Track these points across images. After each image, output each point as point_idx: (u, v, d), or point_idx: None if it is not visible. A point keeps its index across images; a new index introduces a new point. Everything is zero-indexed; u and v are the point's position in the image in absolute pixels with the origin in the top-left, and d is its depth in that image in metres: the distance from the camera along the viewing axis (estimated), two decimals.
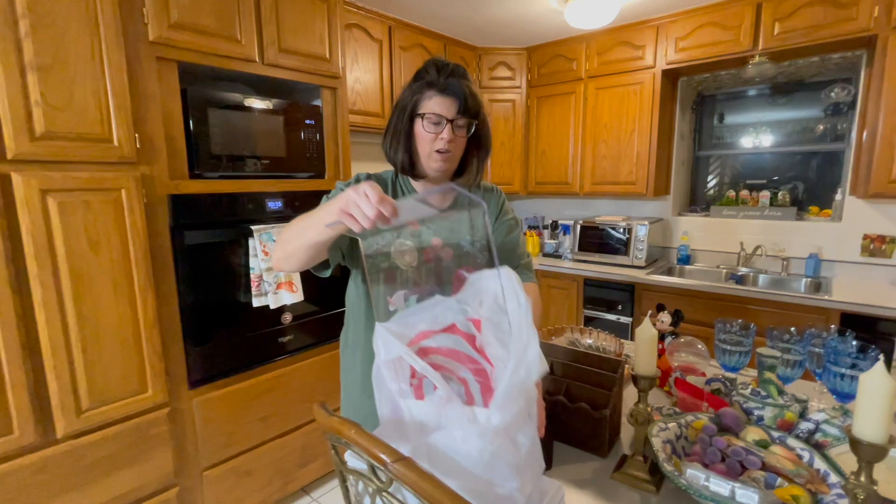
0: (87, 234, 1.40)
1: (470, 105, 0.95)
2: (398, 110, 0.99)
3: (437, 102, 0.95)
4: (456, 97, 0.94)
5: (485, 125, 1.02)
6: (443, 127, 0.95)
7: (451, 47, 3.02)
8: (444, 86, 0.94)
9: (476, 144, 1.03)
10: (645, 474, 0.86)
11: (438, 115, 0.94)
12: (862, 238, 2.49)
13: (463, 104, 0.95)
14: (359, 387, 1.10)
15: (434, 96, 0.95)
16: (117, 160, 1.44)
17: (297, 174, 2.00)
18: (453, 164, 1.01)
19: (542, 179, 3.36)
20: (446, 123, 0.95)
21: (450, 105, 0.94)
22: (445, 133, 0.95)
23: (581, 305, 2.96)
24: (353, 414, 1.14)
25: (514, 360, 0.64)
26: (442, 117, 0.94)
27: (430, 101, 0.95)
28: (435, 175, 1.02)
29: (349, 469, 0.69)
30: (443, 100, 0.94)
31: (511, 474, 0.61)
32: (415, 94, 0.96)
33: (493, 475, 0.61)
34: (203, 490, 1.77)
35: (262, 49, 1.80)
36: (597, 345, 1.32)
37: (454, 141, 0.96)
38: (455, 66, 0.97)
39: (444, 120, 0.94)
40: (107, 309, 1.45)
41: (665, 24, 2.69)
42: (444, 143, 0.95)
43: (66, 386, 1.39)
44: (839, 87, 2.62)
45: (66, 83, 1.32)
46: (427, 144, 0.96)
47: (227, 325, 1.78)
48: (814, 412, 0.97)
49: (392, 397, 0.70)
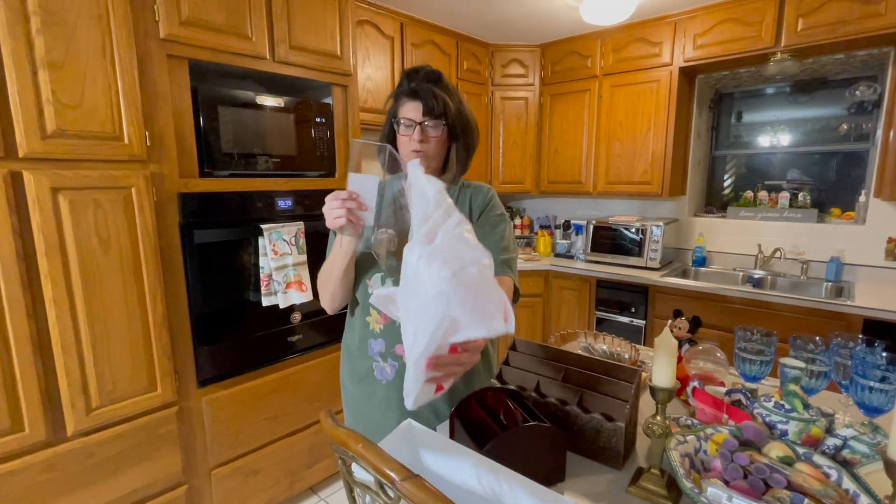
0: (98, 232, 1.40)
1: (433, 107, 1.01)
2: (388, 116, 1.10)
3: (407, 107, 1.04)
4: (421, 100, 1.02)
5: (458, 123, 1.07)
6: (413, 129, 1.03)
7: (463, 44, 2.98)
8: (412, 91, 1.02)
9: (456, 143, 1.09)
10: (662, 489, 0.83)
11: (408, 118, 1.03)
12: (886, 241, 2.41)
13: (427, 106, 1.01)
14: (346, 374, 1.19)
15: (406, 102, 1.04)
16: (127, 158, 1.44)
17: (307, 173, 1.99)
18: (432, 162, 1.07)
19: (554, 178, 3.32)
20: (415, 126, 1.02)
21: (416, 108, 1.02)
22: (416, 135, 1.02)
23: (593, 307, 2.91)
24: (352, 407, 1.20)
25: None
26: (411, 121, 1.02)
27: (403, 107, 1.04)
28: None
29: (356, 481, 0.67)
30: (411, 104, 1.03)
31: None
32: (395, 102, 1.07)
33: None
34: (211, 489, 1.77)
35: (272, 46, 1.79)
36: (611, 350, 1.28)
37: (426, 141, 1.03)
38: (427, 72, 1.04)
39: (414, 123, 1.02)
40: (116, 307, 1.45)
41: (683, 20, 2.62)
42: (416, 144, 1.03)
43: (77, 383, 1.39)
44: (864, 84, 2.53)
45: (77, 81, 1.32)
46: (405, 146, 1.05)
47: (237, 325, 1.78)
48: (841, 427, 0.93)
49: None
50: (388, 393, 1.10)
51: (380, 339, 1.08)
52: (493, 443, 0.80)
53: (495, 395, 0.98)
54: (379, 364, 1.10)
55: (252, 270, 1.80)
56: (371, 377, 1.11)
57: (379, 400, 1.11)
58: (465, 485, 0.68)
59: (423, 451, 0.76)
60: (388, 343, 1.08)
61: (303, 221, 1.90)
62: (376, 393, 1.11)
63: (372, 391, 1.12)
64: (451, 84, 1.08)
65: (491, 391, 0.99)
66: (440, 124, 1.04)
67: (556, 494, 0.64)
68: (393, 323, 1.07)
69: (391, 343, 1.07)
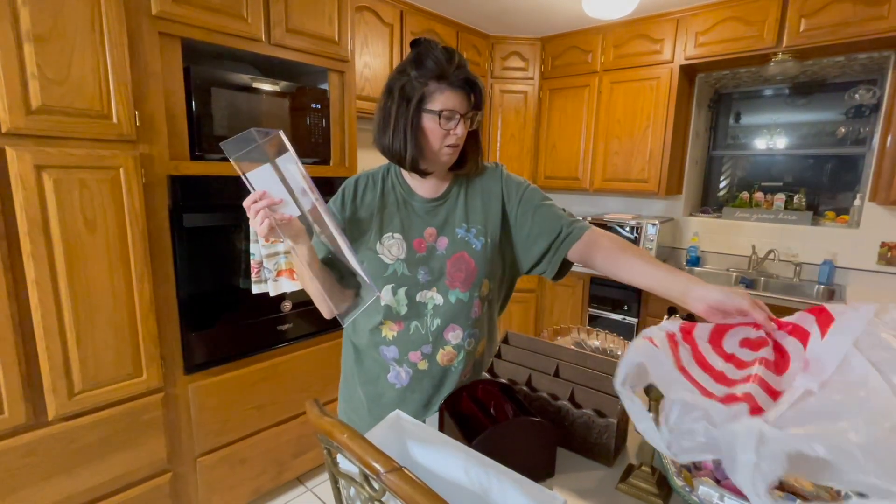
0: (83, 212, 1.36)
1: (481, 98, 0.93)
2: (399, 100, 0.92)
3: (450, 97, 0.90)
4: (468, 91, 0.91)
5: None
6: (456, 122, 0.91)
7: (463, 34, 2.94)
8: (457, 79, 0.89)
9: (474, 132, 1.00)
10: (653, 487, 0.82)
11: (453, 111, 0.90)
12: (879, 246, 2.41)
13: (476, 98, 0.92)
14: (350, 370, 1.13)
15: (446, 90, 0.90)
16: (116, 138, 1.40)
17: (301, 159, 1.95)
18: (457, 154, 0.98)
19: (551, 174, 3.30)
20: (459, 118, 0.91)
21: (462, 99, 0.91)
22: (459, 129, 0.92)
23: (586, 304, 2.91)
24: (349, 398, 1.15)
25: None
26: (456, 112, 0.91)
27: (443, 96, 0.90)
28: (442, 168, 1.00)
29: (341, 472, 0.65)
30: (455, 94, 0.90)
31: None
32: (421, 87, 0.90)
33: None
34: (196, 477, 1.75)
35: (268, 28, 1.75)
36: (604, 347, 1.27)
37: (465, 133, 0.94)
38: (459, 55, 0.92)
39: (458, 115, 0.91)
40: (102, 290, 1.42)
41: (686, 17, 2.60)
42: (456, 139, 0.92)
43: (59, 367, 1.36)
44: (864, 88, 2.53)
45: (63, 55, 1.28)
46: (438, 140, 0.93)
47: (225, 311, 1.75)
48: None
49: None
50: (402, 395, 1.04)
51: (392, 346, 1.02)
52: (483, 436, 0.78)
53: (486, 389, 0.96)
54: (395, 369, 1.03)
55: (243, 257, 1.77)
56: (383, 380, 1.05)
57: (390, 402, 1.05)
58: (452, 478, 0.67)
59: (410, 442, 0.75)
60: (401, 350, 1.02)
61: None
62: (386, 395, 1.05)
63: (381, 393, 1.06)
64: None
65: (482, 384, 0.97)
66: (479, 115, 0.95)
67: (546, 490, 0.62)
68: (406, 331, 1.00)
69: (405, 350, 1.01)
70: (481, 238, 1.01)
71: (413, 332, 1.00)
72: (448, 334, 1.01)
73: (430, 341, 1.01)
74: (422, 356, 1.01)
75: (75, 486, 1.45)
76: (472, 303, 1.01)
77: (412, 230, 1.01)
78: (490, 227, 1.02)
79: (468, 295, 1.00)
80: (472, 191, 1.04)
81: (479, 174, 1.05)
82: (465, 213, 1.02)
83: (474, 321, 1.03)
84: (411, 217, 1.02)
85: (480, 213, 1.02)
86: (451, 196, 1.03)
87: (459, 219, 1.02)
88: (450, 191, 1.04)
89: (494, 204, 1.03)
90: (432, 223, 1.01)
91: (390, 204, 1.03)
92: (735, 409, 0.53)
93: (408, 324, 1.00)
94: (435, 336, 1.01)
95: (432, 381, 1.03)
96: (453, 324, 1.01)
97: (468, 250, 1.00)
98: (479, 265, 1.00)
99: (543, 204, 1.02)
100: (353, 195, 1.03)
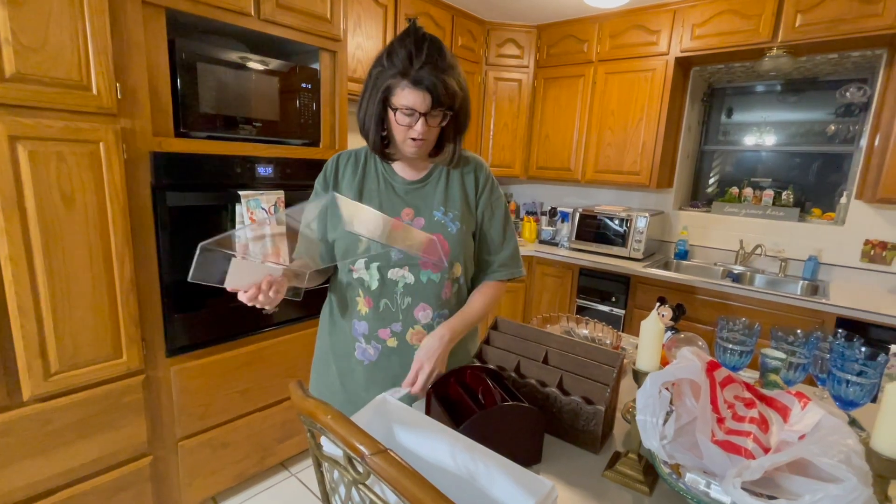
0: (61, 187, 1.31)
1: (443, 99, 0.90)
2: (371, 88, 0.94)
3: (409, 95, 0.89)
4: (429, 91, 0.89)
5: (462, 110, 0.97)
6: (416, 119, 0.91)
7: (458, 19, 2.89)
8: (417, 78, 0.88)
9: (454, 126, 1.00)
10: (639, 474, 0.82)
11: (411, 108, 0.90)
12: (863, 243, 2.45)
13: (436, 99, 0.90)
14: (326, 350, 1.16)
15: (406, 87, 0.89)
16: (95, 110, 1.35)
17: (289, 140, 1.91)
18: (429, 147, 1.00)
19: (543, 164, 3.28)
20: (419, 116, 0.91)
21: (423, 98, 0.89)
22: (419, 126, 0.92)
23: (574, 294, 2.91)
24: (319, 379, 1.18)
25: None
26: (413, 110, 0.90)
27: (403, 93, 0.90)
28: (410, 157, 1.03)
29: (324, 455, 0.63)
30: (415, 93, 0.89)
31: None
32: (387, 79, 0.90)
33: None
34: (178, 460, 1.72)
35: (258, 2, 1.69)
36: (593, 335, 1.27)
37: (428, 130, 0.94)
38: (429, 52, 0.88)
39: (417, 113, 0.91)
40: (80, 268, 1.37)
41: (683, 8, 2.58)
42: (417, 134, 0.93)
43: (33, 346, 1.32)
44: (855, 86, 2.54)
45: (40, 21, 1.22)
46: (401, 133, 0.95)
47: (209, 294, 1.71)
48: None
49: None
50: (370, 373, 1.07)
51: (363, 322, 1.05)
52: (471, 421, 0.77)
53: (474, 374, 0.95)
54: (361, 345, 1.07)
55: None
56: (351, 356, 1.08)
57: (359, 378, 1.08)
58: (439, 462, 0.65)
59: (396, 426, 0.73)
60: (371, 327, 1.05)
61: (283, 191, 1.83)
62: (356, 371, 1.09)
63: (351, 369, 1.09)
64: (453, 57, 0.94)
65: (470, 369, 0.96)
66: (445, 113, 0.94)
67: (533, 475, 0.61)
68: (377, 308, 1.03)
69: (374, 328, 1.05)
70: (457, 223, 1.04)
71: (383, 310, 1.03)
72: (418, 313, 1.04)
73: (399, 319, 1.04)
74: (391, 334, 1.04)
75: (52, 467, 1.41)
76: (443, 284, 1.04)
77: (391, 209, 1.03)
78: (466, 215, 1.06)
79: (439, 276, 1.03)
80: (453, 179, 1.07)
81: (462, 165, 1.07)
82: (444, 197, 1.05)
83: (444, 301, 1.06)
84: (391, 197, 1.05)
85: (459, 201, 1.05)
86: (432, 180, 1.06)
87: (438, 202, 1.04)
88: (430, 174, 1.07)
89: (471, 196, 1.07)
90: (411, 204, 1.04)
91: (370, 182, 1.06)
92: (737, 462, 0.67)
93: (378, 301, 1.03)
94: (405, 314, 1.03)
95: (401, 359, 1.05)
96: (424, 303, 1.04)
97: (444, 233, 1.03)
98: (453, 247, 1.03)
99: (496, 219, 1.09)
100: (334, 172, 1.08)
